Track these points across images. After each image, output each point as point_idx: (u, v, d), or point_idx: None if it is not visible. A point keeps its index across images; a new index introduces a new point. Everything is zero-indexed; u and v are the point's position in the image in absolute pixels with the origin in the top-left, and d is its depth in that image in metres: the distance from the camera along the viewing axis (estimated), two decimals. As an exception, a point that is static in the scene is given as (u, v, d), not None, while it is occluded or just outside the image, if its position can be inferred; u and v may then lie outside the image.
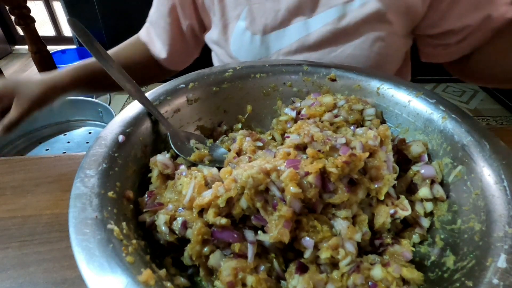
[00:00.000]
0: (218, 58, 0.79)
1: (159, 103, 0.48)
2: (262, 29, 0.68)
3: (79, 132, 1.17)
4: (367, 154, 0.40)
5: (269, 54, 0.70)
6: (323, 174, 0.37)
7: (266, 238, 0.35)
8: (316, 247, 0.36)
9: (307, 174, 0.36)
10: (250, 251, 0.35)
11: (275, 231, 0.35)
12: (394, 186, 0.43)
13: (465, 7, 0.60)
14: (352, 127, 0.48)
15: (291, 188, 0.35)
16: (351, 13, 0.63)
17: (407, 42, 0.72)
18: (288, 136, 0.44)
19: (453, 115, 0.44)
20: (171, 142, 0.45)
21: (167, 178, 0.42)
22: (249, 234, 0.37)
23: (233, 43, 0.71)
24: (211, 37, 0.75)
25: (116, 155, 0.39)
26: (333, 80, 0.55)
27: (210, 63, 0.77)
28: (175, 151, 0.45)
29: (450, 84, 2.83)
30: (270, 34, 0.68)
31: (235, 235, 0.36)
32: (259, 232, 0.36)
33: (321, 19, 0.65)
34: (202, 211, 0.38)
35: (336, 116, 0.50)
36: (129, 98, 2.57)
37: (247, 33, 0.69)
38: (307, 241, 0.36)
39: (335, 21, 0.64)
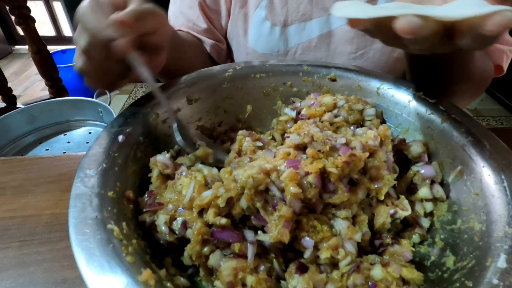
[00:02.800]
0: (235, 54, 0.76)
1: (159, 103, 0.48)
2: (283, 21, 0.66)
3: (79, 132, 1.17)
4: (367, 154, 0.40)
5: (287, 48, 0.69)
6: (323, 174, 0.37)
7: (266, 238, 0.35)
8: (316, 247, 0.36)
9: (307, 174, 0.36)
10: (250, 251, 0.35)
11: (275, 231, 0.35)
12: (394, 186, 0.43)
13: None
14: (352, 127, 0.48)
15: (291, 188, 0.35)
16: None
17: None
18: (288, 137, 0.44)
19: (453, 115, 0.44)
20: (178, 135, 0.45)
21: (167, 178, 0.42)
22: (249, 234, 0.37)
23: (251, 32, 0.70)
24: (230, 29, 0.73)
25: (116, 155, 0.39)
26: (333, 80, 0.55)
27: (211, 63, 0.77)
28: (181, 144, 0.45)
29: (450, 84, 2.82)
30: (290, 26, 0.67)
31: (235, 235, 0.36)
32: (259, 232, 0.36)
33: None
34: (202, 211, 0.38)
35: (336, 116, 0.50)
36: (129, 98, 2.57)
37: (266, 23, 0.67)
38: (307, 241, 0.36)
39: None
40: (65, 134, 1.16)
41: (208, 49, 0.74)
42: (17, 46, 3.23)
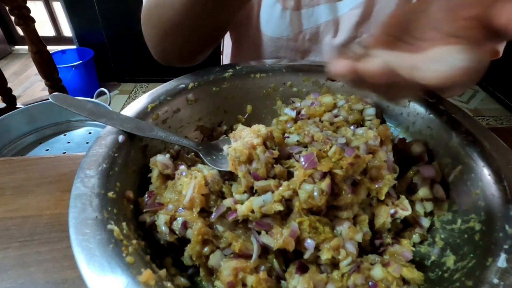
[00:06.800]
0: (242, 39, 0.75)
1: (159, 103, 0.48)
2: (294, 5, 0.66)
3: (79, 133, 1.17)
4: (370, 156, 0.40)
5: (297, 32, 0.70)
6: (331, 177, 0.38)
7: (271, 243, 0.35)
8: (317, 248, 0.36)
9: (321, 178, 0.37)
10: (255, 251, 0.36)
11: (281, 239, 0.35)
12: (394, 186, 0.43)
13: None
14: (352, 127, 0.48)
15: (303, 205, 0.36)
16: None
17: None
18: (288, 137, 0.44)
19: (453, 115, 0.44)
20: (206, 162, 0.43)
21: (167, 178, 0.42)
22: (255, 235, 0.37)
23: (262, 15, 0.70)
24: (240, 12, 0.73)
25: (116, 155, 0.39)
26: (333, 80, 0.54)
27: (212, 63, 0.76)
28: (215, 168, 0.42)
29: (450, 84, 2.82)
30: (301, 11, 0.67)
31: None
32: (262, 232, 0.36)
33: (349, 3, 0.65)
34: (202, 211, 0.38)
35: (336, 116, 0.50)
36: (129, 98, 2.57)
37: (277, 6, 0.67)
38: (309, 243, 0.36)
39: (362, 6, 0.64)
40: (65, 135, 1.16)
41: None
42: (17, 46, 3.23)
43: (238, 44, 0.80)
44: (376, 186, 0.41)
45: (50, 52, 1.45)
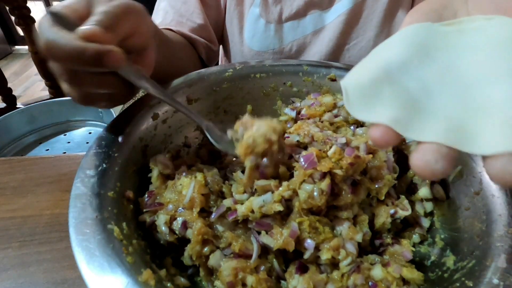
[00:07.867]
0: (231, 51, 0.76)
1: (159, 103, 0.48)
2: (277, 18, 0.67)
3: (79, 133, 1.17)
4: (370, 156, 0.40)
5: (282, 45, 0.70)
6: (331, 177, 0.38)
7: (271, 243, 0.35)
8: (317, 248, 0.36)
9: (321, 178, 0.37)
10: (255, 252, 0.36)
11: (281, 239, 0.35)
12: (394, 186, 0.43)
13: None
14: (352, 127, 0.48)
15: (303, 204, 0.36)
16: (367, 3, 0.64)
17: None
18: (288, 137, 0.44)
19: (453, 115, 0.44)
20: (210, 138, 0.42)
21: (167, 178, 0.42)
22: (255, 235, 0.37)
23: (247, 30, 0.70)
24: (226, 27, 0.74)
25: (116, 155, 0.39)
26: (333, 80, 0.54)
27: (201, 66, 0.76)
28: (218, 146, 0.42)
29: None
30: (285, 24, 0.68)
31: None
32: (262, 232, 0.36)
33: (336, 11, 0.65)
34: (202, 211, 0.38)
35: (336, 116, 0.50)
36: (129, 98, 2.57)
37: (261, 21, 0.68)
38: (309, 243, 0.36)
39: (349, 12, 0.64)
40: (65, 135, 1.16)
41: (199, 49, 0.71)
42: (17, 46, 3.23)
43: (228, 60, 0.81)
44: (376, 186, 0.41)
45: (50, 52, 1.44)
